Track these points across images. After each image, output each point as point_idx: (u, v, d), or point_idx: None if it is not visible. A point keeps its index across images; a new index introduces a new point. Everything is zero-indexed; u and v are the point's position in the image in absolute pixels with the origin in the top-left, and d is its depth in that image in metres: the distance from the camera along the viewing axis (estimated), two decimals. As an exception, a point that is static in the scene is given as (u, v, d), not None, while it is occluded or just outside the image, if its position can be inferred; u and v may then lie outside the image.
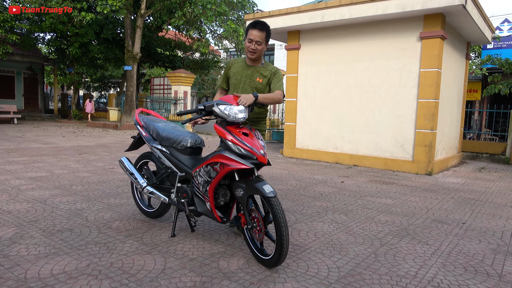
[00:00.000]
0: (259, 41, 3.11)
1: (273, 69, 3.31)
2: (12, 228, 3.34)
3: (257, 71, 3.28)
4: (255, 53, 3.17)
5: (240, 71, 3.30)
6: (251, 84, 3.28)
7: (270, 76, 3.26)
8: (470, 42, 9.80)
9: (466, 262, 3.05)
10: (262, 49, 3.18)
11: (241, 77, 3.30)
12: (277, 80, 3.24)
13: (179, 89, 17.35)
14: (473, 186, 6.45)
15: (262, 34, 3.10)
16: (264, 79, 3.26)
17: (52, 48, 20.75)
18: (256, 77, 3.27)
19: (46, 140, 10.53)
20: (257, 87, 3.27)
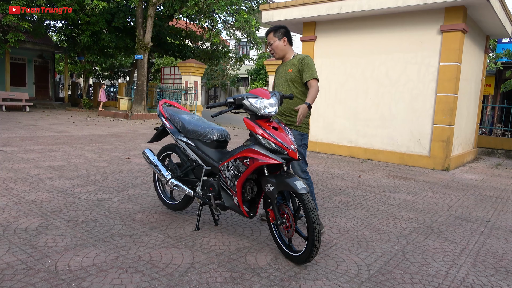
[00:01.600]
0: (270, 42, 3.45)
1: (301, 57, 3.43)
2: (37, 218, 3.34)
3: (289, 64, 3.47)
4: (274, 52, 3.48)
5: (279, 70, 3.57)
6: (286, 77, 3.45)
7: (298, 64, 3.37)
8: (490, 36, 9.60)
9: (496, 262, 3.00)
10: (276, 46, 3.43)
11: (279, 75, 3.55)
12: (306, 68, 3.33)
13: (190, 79, 17.27)
14: (492, 183, 6.36)
15: (269, 35, 3.45)
16: (294, 67, 3.40)
17: (63, 36, 20.73)
18: (287, 69, 3.45)
19: (59, 129, 10.56)
20: (289, 77, 3.42)
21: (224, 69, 33.09)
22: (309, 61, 3.38)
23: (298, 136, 3.39)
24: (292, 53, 3.52)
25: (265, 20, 9.45)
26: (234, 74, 34.25)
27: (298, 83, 3.41)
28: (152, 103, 19.89)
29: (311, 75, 3.33)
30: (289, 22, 9.25)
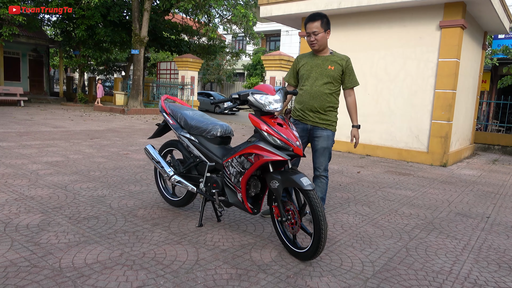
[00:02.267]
0: (315, 31, 3.17)
1: (345, 58, 3.32)
2: (38, 214, 3.30)
3: (328, 60, 3.29)
4: (316, 44, 3.21)
5: (309, 61, 3.33)
6: (323, 72, 3.28)
7: (343, 64, 3.28)
8: (487, 32, 9.62)
9: (498, 259, 3.02)
10: (321, 37, 3.19)
11: (311, 67, 3.32)
12: (351, 73, 3.32)
13: (186, 74, 17.19)
14: (490, 179, 6.40)
15: (316, 23, 3.17)
16: (337, 66, 3.27)
17: (58, 30, 20.51)
18: (327, 65, 3.28)
19: (56, 124, 10.47)
20: (330, 74, 3.27)
21: (220, 64, 32.96)
22: (352, 65, 3.36)
23: (331, 136, 3.37)
24: (328, 48, 3.36)
25: (264, 15, 9.40)
26: (230, 69, 34.13)
27: (337, 82, 3.34)
28: (148, 98, 19.78)
29: (355, 82, 3.35)
30: (287, 17, 9.21)
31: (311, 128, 3.35)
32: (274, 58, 14.22)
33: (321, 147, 3.33)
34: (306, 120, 3.35)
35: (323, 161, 3.37)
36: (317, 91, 3.28)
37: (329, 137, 3.35)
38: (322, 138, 3.33)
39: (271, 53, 14.94)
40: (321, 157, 3.36)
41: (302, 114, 3.36)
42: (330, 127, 3.36)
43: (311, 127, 3.35)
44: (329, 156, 3.41)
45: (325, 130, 3.33)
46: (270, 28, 32.79)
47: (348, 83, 3.34)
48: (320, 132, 3.33)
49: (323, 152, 3.35)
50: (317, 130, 3.34)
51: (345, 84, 3.35)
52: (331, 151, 3.41)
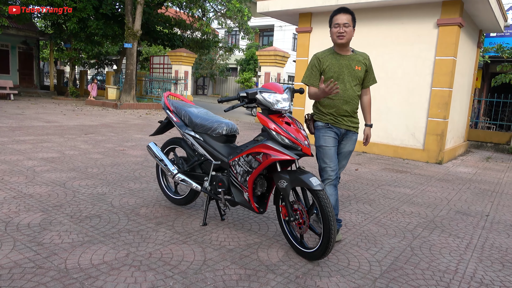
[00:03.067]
0: (346, 23, 2.95)
1: (366, 56, 3.21)
2: (38, 213, 3.24)
3: (354, 59, 3.10)
4: (344, 36, 2.97)
5: (336, 62, 3.07)
6: (352, 74, 3.08)
7: (366, 63, 3.15)
8: (482, 30, 9.69)
9: (501, 257, 3.05)
10: (350, 31, 2.98)
11: (340, 69, 3.06)
12: (371, 71, 3.21)
13: (180, 68, 17.04)
14: (485, 177, 6.47)
15: (348, 16, 2.96)
16: (362, 66, 3.12)
17: (49, 23, 20.12)
18: (354, 66, 3.09)
19: (48, 118, 10.30)
20: (358, 75, 3.10)
21: (213, 59, 32.74)
22: (371, 63, 3.25)
23: (356, 140, 3.26)
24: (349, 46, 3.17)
25: (261, 10, 9.33)
26: (223, 64, 33.94)
27: (361, 83, 3.20)
28: (141, 93, 19.57)
29: (374, 79, 3.24)
30: (285, 12, 9.16)
31: (344, 132, 3.15)
32: (269, 54, 14.16)
33: (347, 151, 3.23)
34: (339, 124, 3.11)
35: (344, 164, 3.30)
36: (350, 95, 3.07)
37: (355, 140, 3.25)
38: (351, 142, 3.21)
39: (266, 49, 14.87)
40: (344, 160, 3.27)
41: (334, 118, 3.10)
42: (357, 130, 3.25)
43: (344, 131, 3.15)
44: None
45: (355, 134, 3.23)
46: (264, 23, 32.64)
47: (368, 82, 3.21)
48: (351, 136, 3.19)
49: (348, 155, 3.27)
50: (348, 133, 3.18)
51: (365, 83, 3.20)
52: None
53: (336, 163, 3.08)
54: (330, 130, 3.09)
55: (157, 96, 18.19)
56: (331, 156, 3.06)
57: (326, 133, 3.09)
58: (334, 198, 3.08)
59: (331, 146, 3.07)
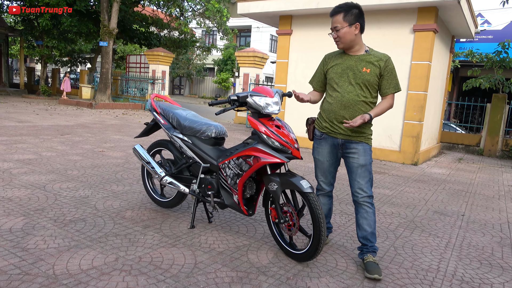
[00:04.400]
0: (336, 26, 2.65)
1: (384, 57, 2.69)
2: (20, 217, 3.14)
3: (363, 60, 2.69)
4: (339, 41, 2.69)
5: (340, 62, 2.75)
6: (357, 76, 2.68)
7: (381, 66, 2.67)
8: (455, 36, 10.07)
9: (479, 255, 3.19)
10: (345, 33, 2.63)
11: (342, 70, 2.73)
12: (391, 75, 2.69)
13: (157, 68, 16.82)
14: (459, 177, 6.73)
15: (337, 17, 2.64)
16: (373, 68, 2.67)
17: (19, 18, 19.42)
18: (362, 67, 2.68)
19: (20, 118, 9.95)
20: (365, 78, 2.67)
21: (190, 59, 32.48)
22: (393, 66, 2.71)
23: (368, 151, 2.76)
24: (362, 45, 2.74)
25: (241, 12, 9.35)
26: (200, 63, 33.72)
27: (374, 89, 2.72)
28: (117, 92, 19.19)
29: (395, 86, 2.72)
30: (265, 14, 9.21)
31: (342, 142, 2.75)
32: (248, 55, 14.20)
33: (357, 165, 2.71)
34: (335, 133, 2.75)
35: (363, 183, 2.72)
36: (350, 100, 2.68)
37: (366, 152, 2.73)
38: (357, 153, 2.71)
39: (245, 50, 14.90)
40: (359, 178, 2.72)
41: (330, 126, 2.76)
42: (367, 140, 2.76)
43: (342, 141, 2.75)
44: (370, 177, 2.76)
45: (361, 144, 2.73)
46: (241, 24, 32.64)
47: (385, 88, 2.70)
48: (354, 146, 2.72)
49: (361, 171, 2.72)
50: (350, 144, 2.73)
51: (382, 90, 2.72)
52: (371, 170, 2.77)
53: (330, 177, 2.89)
54: (325, 141, 2.81)
55: (133, 96, 17.89)
56: (324, 170, 2.87)
57: (320, 144, 2.85)
58: (327, 208, 2.99)
59: (324, 160, 2.84)
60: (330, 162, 2.85)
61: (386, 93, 2.73)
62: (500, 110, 10.04)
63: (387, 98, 2.74)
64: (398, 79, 2.73)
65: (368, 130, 2.78)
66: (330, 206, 3.05)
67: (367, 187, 2.74)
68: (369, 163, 2.75)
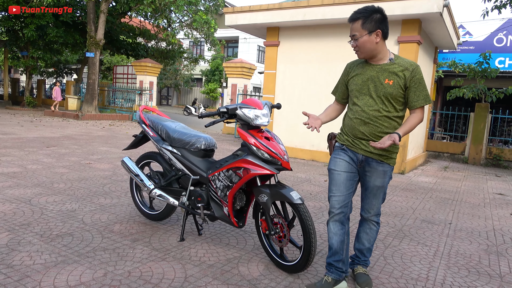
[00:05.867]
0: (354, 35, 2.40)
1: (411, 66, 2.41)
2: (4, 233, 3.07)
3: (385, 71, 2.42)
4: (358, 51, 2.45)
5: (362, 73, 2.50)
6: (378, 88, 2.43)
7: (406, 76, 2.40)
8: (438, 47, 10.31)
9: (466, 264, 3.23)
10: (364, 42, 2.38)
11: (363, 81, 2.48)
12: (419, 86, 2.41)
13: (145, 79, 16.77)
14: (445, 186, 6.83)
15: (356, 24, 2.38)
16: (396, 79, 2.40)
17: (3, 29, 19.20)
18: (384, 79, 2.42)
19: (4, 130, 9.78)
20: (388, 91, 2.41)
21: (178, 69, 32.48)
22: (422, 75, 2.42)
23: (388, 172, 2.54)
24: (386, 52, 2.45)
25: (229, 23, 9.43)
26: (188, 74, 33.74)
27: (398, 103, 2.44)
28: (103, 103, 19.03)
29: (425, 98, 2.41)
30: (253, 26, 9.30)
31: (363, 159, 2.51)
32: (236, 66, 14.28)
33: (373, 186, 2.53)
34: (357, 148, 2.51)
35: (375, 203, 2.60)
36: (371, 115, 2.43)
37: (385, 173, 2.52)
38: (376, 174, 2.50)
39: (232, 60, 14.98)
40: (373, 198, 2.58)
41: (352, 140, 2.52)
42: (389, 160, 2.51)
43: (363, 158, 2.50)
44: (383, 197, 2.62)
45: (382, 164, 2.49)
46: (229, 35, 32.87)
47: (413, 101, 2.41)
48: (374, 166, 2.49)
49: (376, 192, 2.55)
50: (371, 162, 2.50)
51: (410, 103, 2.42)
52: (386, 190, 2.63)
53: (345, 194, 2.50)
54: (344, 152, 2.55)
55: (120, 107, 17.77)
56: (339, 183, 2.51)
57: (338, 154, 2.57)
58: (339, 239, 2.53)
59: (340, 171, 2.51)
60: (347, 174, 2.52)
61: (414, 106, 2.43)
62: (483, 119, 10.27)
63: (416, 112, 2.44)
64: (427, 90, 2.44)
65: (394, 149, 2.52)
66: (343, 237, 2.54)
67: (378, 207, 2.63)
68: (386, 185, 2.58)
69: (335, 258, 2.53)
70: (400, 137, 2.32)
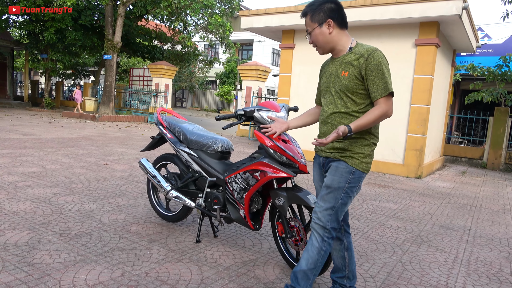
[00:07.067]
0: (307, 30, 2.24)
1: (366, 52, 2.11)
2: (25, 231, 3.14)
3: (342, 62, 2.19)
4: (316, 46, 2.27)
5: (326, 70, 2.32)
6: (336, 84, 2.20)
7: (360, 63, 2.11)
8: (456, 50, 10.14)
9: (487, 271, 3.16)
10: (316, 35, 2.20)
11: (327, 79, 2.29)
12: (377, 75, 2.07)
13: (160, 81, 16.94)
14: (463, 191, 6.70)
15: (306, 20, 2.23)
16: (351, 69, 2.14)
17: (24, 32, 19.67)
18: (341, 71, 2.19)
19: (24, 131, 10.00)
20: (344, 85, 2.16)
21: (193, 72, 32.74)
22: (380, 60, 2.08)
23: (344, 171, 2.16)
24: (346, 42, 2.21)
25: (244, 26, 9.46)
26: (202, 76, 33.97)
27: (358, 96, 2.16)
28: (120, 105, 19.30)
29: (385, 87, 2.08)
30: (268, 29, 9.32)
31: (324, 162, 2.30)
32: (251, 68, 14.30)
33: (324, 185, 2.21)
34: (320, 151, 2.33)
35: (319, 205, 2.20)
36: (329, 113, 2.24)
37: (337, 170, 2.16)
38: (331, 173, 2.20)
39: (247, 63, 15.02)
40: (320, 200, 2.21)
41: None
42: (347, 158, 2.16)
43: (324, 160, 2.30)
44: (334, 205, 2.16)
45: (337, 161, 2.19)
46: (243, 37, 33.00)
47: (372, 91, 2.10)
48: (331, 165, 2.23)
49: (324, 192, 2.19)
50: (329, 163, 2.25)
51: (370, 94, 2.13)
52: (340, 197, 2.15)
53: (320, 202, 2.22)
54: (315, 160, 2.42)
55: (136, 109, 17.99)
56: (317, 193, 2.40)
57: (314, 166, 2.46)
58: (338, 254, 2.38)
59: (316, 185, 2.41)
60: (319, 184, 2.37)
61: (374, 98, 2.11)
62: (502, 123, 10.05)
63: (378, 103, 2.10)
64: (388, 78, 2.09)
65: (355, 147, 2.17)
66: (342, 253, 2.38)
67: (323, 215, 2.16)
68: (339, 188, 2.14)
69: (338, 274, 2.42)
70: (351, 130, 2.02)
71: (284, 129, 2.44)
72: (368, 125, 2.08)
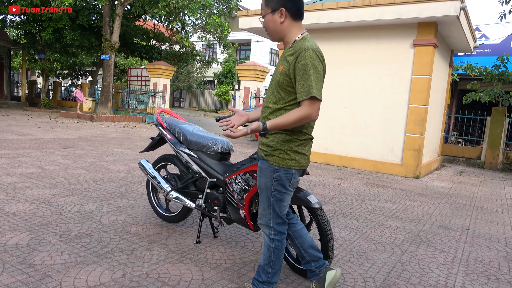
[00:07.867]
0: (261, 12, 2.16)
1: (299, 49, 2.01)
2: (25, 232, 3.13)
3: (282, 56, 2.13)
4: (266, 32, 2.19)
5: None
6: (274, 77, 2.17)
7: (291, 60, 2.04)
8: (454, 50, 10.18)
9: (485, 271, 3.18)
10: (267, 22, 2.12)
11: (274, 74, 2.23)
12: (303, 76, 1.98)
13: (159, 81, 16.93)
14: (461, 191, 6.73)
15: (262, 3, 2.15)
16: (285, 64, 2.07)
17: (21, 32, 19.60)
18: (279, 65, 2.13)
19: (22, 131, 9.97)
20: (276, 79, 2.13)
21: (191, 72, 32.71)
22: (309, 61, 1.97)
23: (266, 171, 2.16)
24: (295, 35, 2.11)
25: (243, 26, 9.47)
26: (200, 76, 33.95)
27: (287, 93, 2.10)
28: (118, 105, 19.27)
29: (307, 91, 1.97)
30: (267, 29, 9.32)
31: (259, 158, 2.29)
32: (249, 68, 14.31)
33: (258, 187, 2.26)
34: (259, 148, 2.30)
35: (261, 207, 2.26)
36: (264, 105, 2.23)
37: (261, 171, 2.19)
38: (258, 173, 2.24)
39: (245, 63, 15.02)
40: (261, 202, 2.26)
41: None
42: (269, 157, 2.14)
43: (259, 157, 2.30)
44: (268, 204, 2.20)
45: (261, 161, 2.21)
46: (241, 37, 32.99)
47: (297, 92, 2.02)
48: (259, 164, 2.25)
49: (260, 194, 2.25)
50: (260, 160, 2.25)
51: (297, 94, 2.04)
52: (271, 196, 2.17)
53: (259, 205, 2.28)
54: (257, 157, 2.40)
55: (134, 109, 17.97)
56: None
57: None
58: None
59: None
60: None
61: (298, 99, 2.03)
62: (500, 123, 10.09)
63: (302, 105, 2.01)
64: (312, 81, 1.96)
65: (275, 143, 2.11)
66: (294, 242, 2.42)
67: (264, 214, 2.22)
68: (266, 187, 2.16)
69: (303, 262, 2.42)
70: (265, 127, 1.96)
71: (243, 121, 2.16)
72: (287, 125, 2.00)
